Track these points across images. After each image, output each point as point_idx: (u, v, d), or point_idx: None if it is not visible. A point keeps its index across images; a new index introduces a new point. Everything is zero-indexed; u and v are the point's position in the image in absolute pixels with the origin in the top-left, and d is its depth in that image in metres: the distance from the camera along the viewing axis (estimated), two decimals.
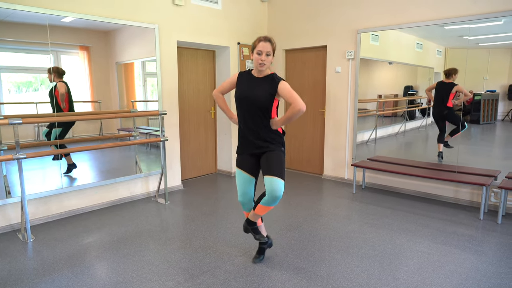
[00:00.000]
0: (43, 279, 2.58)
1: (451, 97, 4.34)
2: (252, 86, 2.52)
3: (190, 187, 4.97)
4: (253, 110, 2.50)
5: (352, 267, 2.73)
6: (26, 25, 3.47)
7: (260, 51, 2.43)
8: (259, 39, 2.47)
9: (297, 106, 2.39)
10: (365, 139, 5.21)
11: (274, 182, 2.39)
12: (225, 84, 2.72)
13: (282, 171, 2.45)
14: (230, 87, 2.70)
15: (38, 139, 3.81)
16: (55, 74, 3.67)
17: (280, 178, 2.41)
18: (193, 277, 2.60)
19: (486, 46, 4.15)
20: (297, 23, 5.47)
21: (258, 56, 2.45)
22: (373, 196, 4.50)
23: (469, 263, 2.77)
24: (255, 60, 2.47)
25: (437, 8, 4.14)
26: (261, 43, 2.44)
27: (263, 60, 2.44)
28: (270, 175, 2.42)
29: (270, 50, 2.45)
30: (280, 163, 2.49)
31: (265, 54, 2.43)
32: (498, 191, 3.80)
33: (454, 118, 4.39)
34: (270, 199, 2.42)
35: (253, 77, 2.56)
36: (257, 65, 2.47)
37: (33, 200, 3.59)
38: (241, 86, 2.57)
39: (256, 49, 2.45)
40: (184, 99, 5.23)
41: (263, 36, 2.49)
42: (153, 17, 4.37)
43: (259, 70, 2.51)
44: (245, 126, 2.57)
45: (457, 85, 4.24)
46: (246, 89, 2.53)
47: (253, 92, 2.50)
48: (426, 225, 3.53)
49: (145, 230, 3.47)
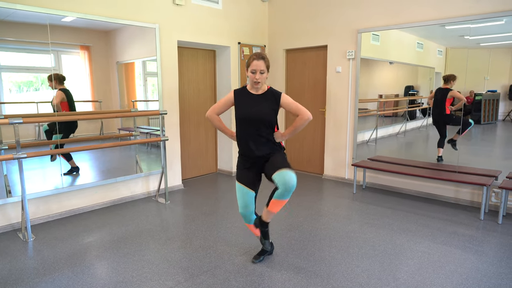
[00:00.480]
0: (43, 278, 2.59)
1: (447, 103, 4.36)
2: (253, 104, 2.51)
3: (190, 187, 4.98)
4: (257, 127, 2.50)
5: (352, 267, 2.72)
6: (27, 25, 3.48)
7: (254, 70, 2.43)
8: (252, 57, 2.44)
9: (305, 115, 2.45)
10: (366, 139, 5.21)
11: (285, 174, 2.33)
12: (219, 105, 2.64)
13: (288, 164, 2.45)
14: (226, 107, 2.64)
15: (38, 139, 3.81)
16: (56, 81, 3.65)
17: (289, 169, 2.38)
18: (193, 276, 2.60)
19: (487, 46, 4.14)
20: (297, 23, 5.46)
21: (252, 75, 2.45)
22: (374, 196, 4.50)
23: (469, 263, 2.77)
24: (250, 79, 2.47)
25: (438, 8, 4.14)
26: (254, 61, 2.43)
27: (258, 79, 2.44)
28: (278, 170, 2.38)
29: (264, 68, 2.44)
30: (285, 160, 2.50)
31: (259, 73, 2.43)
32: (498, 191, 3.79)
33: (454, 121, 4.40)
34: (284, 191, 2.35)
35: (252, 94, 2.54)
36: (252, 83, 2.49)
37: (33, 199, 3.59)
38: (242, 106, 2.54)
39: (250, 67, 2.45)
40: (184, 99, 5.23)
41: (256, 53, 2.46)
42: (154, 17, 4.38)
43: (255, 88, 2.52)
44: (247, 143, 2.55)
45: (452, 90, 4.28)
46: (248, 108, 2.51)
47: (256, 110, 2.49)
48: (426, 225, 3.52)
49: (146, 229, 3.47)
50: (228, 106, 2.64)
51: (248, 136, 2.54)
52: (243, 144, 2.59)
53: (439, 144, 4.50)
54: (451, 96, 4.30)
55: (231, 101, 2.61)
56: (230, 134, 2.75)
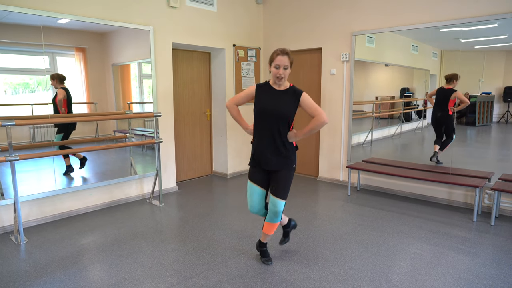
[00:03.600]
0: (35, 281, 2.57)
1: (450, 104, 4.27)
2: (274, 99, 2.51)
3: (185, 189, 4.97)
4: (274, 123, 2.50)
5: (345, 269, 2.73)
6: (21, 26, 3.47)
7: (277, 65, 2.43)
8: (277, 52, 2.44)
9: (321, 118, 2.45)
10: (361, 141, 5.23)
11: (276, 203, 2.59)
12: (241, 96, 2.66)
13: (286, 193, 2.60)
14: (247, 99, 2.66)
15: (33, 141, 3.80)
16: (56, 81, 3.74)
17: (282, 200, 2.59)
18: (186, 279, 2.60)
19: (482, 49, 4.17)
20: (292, 25, 5.48)
21: (276, 70, 2.44)
22: (368, 198, 4.51)
23: (461, 265, 2.78)
24: (273, 74, 2.47)
25: (431, 11, 4.17)
26: (279, 56, 2.42)
27: (281, 74, 2.43)
28: (274, 196, 2.58)
29: (287, 63, 2.44)
30: (287, 184, 2.60)
31: (282, 68, 2.42)
32: (491, 193, 3.81)
33: (450, 127, 4.32)
34: (273, 215, 2.63)
35: (274, 89, 2.54)
36: (275, 79, 2.48)
37: (26, 202, 3.58)
38: (262, 99, 2.54)
39: (273, 62, 2.44)
40: (179, 101, 5.23)
41: (280, 49, 2.45)
42: (148, 19, 4.38)
43: (279, 82, 2.51)
44: (263, 139, 2.56)
45: (456, 91, 4.19)
46: (268, 102, 2.51)
47: (275, 105, 2.49)
48: (419, 227, 3.53)
49: (139, 232, 3.46)
50: (248, 99, 2.65)
51: (264, 131, 2.54)
52: (258, 139, 2.59)
53: (436, 141, 4.48)
54: (455, 97, 4.22)
55: (252, 94, 2.61)
56: (244, 126, 2.73)
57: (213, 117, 5.70)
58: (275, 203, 2.58)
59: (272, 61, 2.47)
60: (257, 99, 2.57)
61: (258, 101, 2.55)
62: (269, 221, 2.67)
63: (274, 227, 2.69)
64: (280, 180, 2.57)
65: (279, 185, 2.57)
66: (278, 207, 2.59)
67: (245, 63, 5.62)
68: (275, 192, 2.58)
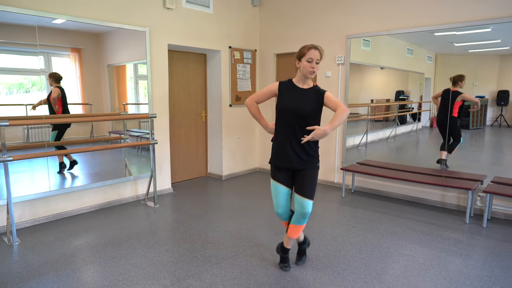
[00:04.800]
0: (27, 282, 2.56)
1: (455, 106, 4.20)
2: (299, 98, 2.46)
3: (180, 190, 4.96)
4: (299, 122, 2.44)
5: (338, 271, 2.74)
6: (15, 26, 3.46)
7: (310, 59, 2.38)
8: (309, 46, 2.40)
9: (344, 108, 2.39)
10: (356, 143, 5.26)
11: (304, 203, 2.49)
12: (261, 93, 2.60)
13: (313, 191, 2.52)
14: (268, 97, 2.60)
15: (27, 142, 3.78)
16: (52, 79, 3.74)
17: (310, 200, 2.50)
18: (179, 280, 2.60)
19: (475, 53, 4.22)
20: (288, 28, 5.51)
21: (308, 64, 2.39)
22: (362, 200, 4.53)
23: (453, 266, 2.80)
24: (305, 68, 2.40)
25: (426, 15, 4.21)
26: (312, 50, 2.38)
27: (314, 68, 2.39)
28: (301, 196, 2.49)
29: (319, 58, 2.40)
30: (314, 183, 2.52)
31: (315, 62, 2.39)
32: (483, 195, 3.85)
33: (455, 130, 4.26)
34: (300, 217, 2.54)
35: (298, 87, 2.49)
36: (307, 73, 2.41)
37: (19, 203, 3.56)
38: (286, 98, 2.48)
39: (306, 56, 2.39)
40: (175, 102, 5.23)
41: (311, 44, 2.42)
42: (144, 20, 4.38)
43: (305, 79, 2.47)
44: (286, 137, 2.49)
45: (462, 94, 4.15)
46: (293, 100, 2.45)
47: (301, 104, 2.44)
48: (413, 229, 3.56)
49: (133, 233, 3.46)
50: (269, 96, 2.59)
51: (288, 130, 2.47)
52: (281, 143, 2.52)
53: (442, 147, 4.38)
54: (461, 99, 4.16)
55: (274, 92, 2.55)
56: (265, 125, 2.67)
57: (209, 119, 5.70)
58: (303, 204, 2.49)
59: (303, 56, 2.40)
60: (281, 97, 2.51)
61: (282, 99, 2.49)
62: (295, 223, 2.57)
63: (299, 229, 2.60)
64: (306, 179, 2.49)
65: (305, 184, 2.49)
66: (306, 208, 2.49)
67: (241, 65, 5.64)
68: (302, 192, 2.49)
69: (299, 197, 2.50)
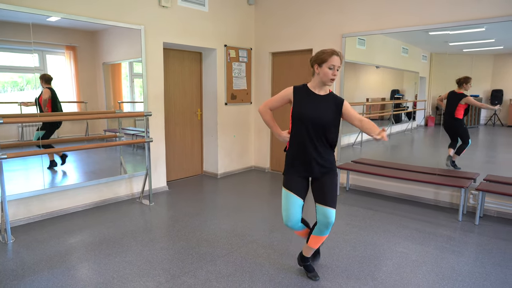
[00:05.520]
0: (22, 280, 2.56)
1: (459, 108, 4.19)
2: (315, 105, 2.35)
3: (175, 189, 4.97)
4: (317, 129, 2.34)
5: (332, 267, 2.77)
6: (9, 24, 3.44)
7: (332, 66, 2.28)
8: (330, 52, 2.29)
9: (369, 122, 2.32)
10: (352, 142, 5.29)
11: (327, 212, 2.36)
12: (275, 100, 2.49)
13: (335, 199, 2.40)
14: (282, 104, 2.49)
15: (21, 140, 3.77)
16: (42, 81, 3.72)
17: (333, 208, 2.37)
18: (174, 277, 2.61)
19: (470, 52, 4.25)
20: (283, 27, 5.52)
21: (330, 71, 2.29)
22: (357, 198, 4.56)
23: (445, 263, 2.84)
24: (326, 75, 2.30)
25: (420, 14, 4.24)
26: (334, 57, 2.28)
27: (335, 75, 2.31)
28: (323, 205, 2.37)
29: (340, 65, 2.31)
30: (335, 190, 2.42)
31: (336, 69, 2.30)
32: (476, 193, 3.89)
33: (462, 131, 4.24)
34: (323, 228, 2.41)
35: (314, 94, 2.39)
36: (328, 81, 2.32)
37: (14, 201, 3.55)
38: (303, 104, 2.37)
39: (328, 63, 2.28)
40: (170, 101, 5.23)
41: (331, 49, 2.31)
42: (139, 18, 4.38)
43: (323, 86, 2.38)
44: (304, 146, 2.37)
45: (467, 96, 4.11)
46: (311, 108, 2.35)
47: (318, 111, 2.33)
48: (406, 226, 3.59)
49: (128, 231, 3.46)
50: (283, 103, 2.48)
51: (306, 138, 2.36)
52: (298, 151, 2.41)
53: (450, 145, 4.36)
54: (465, 103, 4.15)
55: (288, 98, 2.44)
56: (278, 133, 2.55)
57: (204, 117, 5.71)
58: (327, 214, 2.35)
59: (323, 62, 2.29)
60: (296, 104, 2.39)
61: (298, 106, 2.37)
62: (319, 234, 2.46)
63: (322, 240, 2.50)
64: (327, 187, 2.38)
65: (327, 192, 2.37)
66: (330, 217, 2.35)
67: (236, 63, 5.65)
68: (325, 202, 2.36)
69: (322, 206, 2.37)
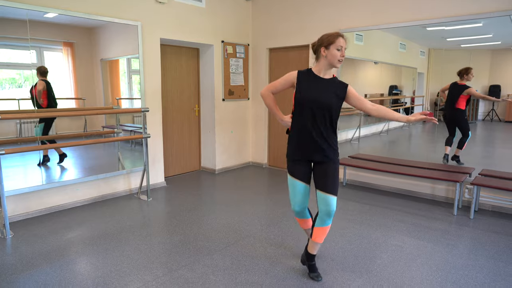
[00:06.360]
0: (21, 274, 2.59)
1: (461, 99, 4.17)
2: (320, 88, 2.33)
3: (173, 184, 5.00)
4: (321, 113, 2.31)
5: (327, 261, 2.80)
6: (6, 20, 3.45)
7: (340, 47, 2.27)
8: (336, 34, 2.29)
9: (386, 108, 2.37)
10: (349, 138, 5.31)
11: (329, 200, 2.34)
12: (277, 84, 2.46)
13: (337, 186, 2.38)
14: (285, 87, 2.46)
15: (20, 136, 3.79)
16: (38, 73, 3.72)
17: (334, 196, 2.35)
18: (171, 271, 2.64)
19: (467, 48, 4.27)
20: (280, 22, 5.52)
21: (338, 52, 2.28)
22: (354, 193, 4.59)
23: (439, 256, 2.87)
24: (334, 57, 2.28)
25: (417, 9, 4.24)
26: (340, 38, 2.28)
27: (343, 56, 2.30)
28: (324, 192, 2.35)
29: (346, 46, 2.31)
30: (336, 178, 2.39)
31: (343, 50, 2.30)
32: (471, 188, 3.92)
33: (463, 123, 4.22)
34: (325, 216, 2.38)
35: (319, 77, 2.36)
36: (336, 62, 2.30)
37: (12, 196, 3.57)
38: (306, 87, 2.34)
39: (335, 44, 2.27)
40: (168, 97, 5.25)
41: (335, 31, 2.32)
42: (136, 14, 4.38)
43: (328, 69, 2.36)
44: (306, 130, 2.35)
45: (470, 88, 4.10)
46: (315, 91, 2.33)
47: (322, 94, 2.31)
48: (402, 220, 3.63)
49: (126, 226, 3.49)
50: (286, 87, 2.45)
51: (309, 121, 2.34)
52: (301, 135, 2.39)
53: (447, 141, 4.35)
54: (467, 94, 4.12)
55: (291, 82, 2.41)
56: (280, 117, 2.52)
57: (202, 113, 5.73)
58: (328, 201, 2.33)
59: (331, 44, 2.28)
60: (300, 87, 2.36)
61: (302, 89, 2.35)
62: (321, 225, 2.41)
63: (325, 231, 2.44)
64: (328, 173, 2.36)
65: (328, 179, 2.35)
66: (331, 205, 2.33)
67: (233, 59, 5.65)
68: (325, 188, 2.34)
69: (322, 193, 2.35)
